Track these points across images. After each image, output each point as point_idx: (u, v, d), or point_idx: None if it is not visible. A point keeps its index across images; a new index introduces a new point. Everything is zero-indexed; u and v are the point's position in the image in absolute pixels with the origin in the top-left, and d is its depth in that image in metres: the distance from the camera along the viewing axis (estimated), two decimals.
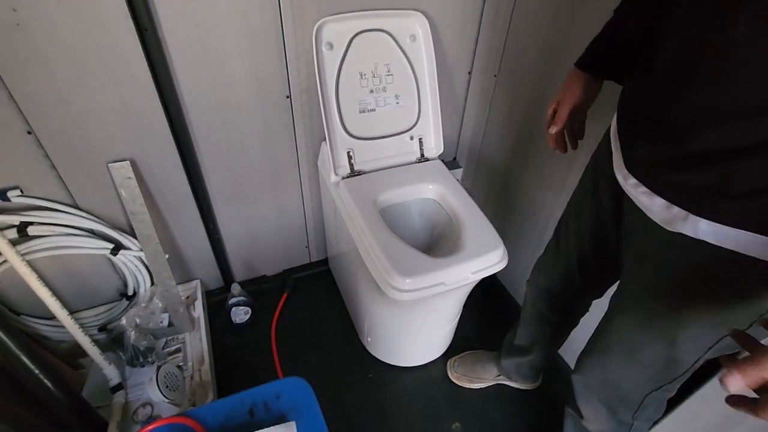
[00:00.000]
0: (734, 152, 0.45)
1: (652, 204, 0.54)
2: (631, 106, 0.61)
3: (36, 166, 0.93)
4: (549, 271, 0.88)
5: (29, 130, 0.88)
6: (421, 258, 0.89)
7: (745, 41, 0.42)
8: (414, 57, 1.08)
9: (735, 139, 0.45)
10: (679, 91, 0.50)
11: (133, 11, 0.82)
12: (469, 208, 1.02)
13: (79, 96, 0.88)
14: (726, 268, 0.49)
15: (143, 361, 1.13)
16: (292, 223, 1.37)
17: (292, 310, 1.41)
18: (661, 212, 0.53)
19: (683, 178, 0.50)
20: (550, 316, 0.94)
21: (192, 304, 1.29)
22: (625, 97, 0.63)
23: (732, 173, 0.46)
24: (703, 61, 0.47)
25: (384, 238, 0.92)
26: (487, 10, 1.15)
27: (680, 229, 0.51)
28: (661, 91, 0.53)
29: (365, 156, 1.11)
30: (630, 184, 0.57)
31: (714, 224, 0.48)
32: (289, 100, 1.09)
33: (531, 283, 0.95)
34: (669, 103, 0.51)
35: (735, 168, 0.45)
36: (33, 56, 0.81)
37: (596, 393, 0.75)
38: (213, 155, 1.10)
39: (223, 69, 0.97)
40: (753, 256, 0.46)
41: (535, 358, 1.05)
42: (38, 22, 0.78)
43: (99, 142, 0.95)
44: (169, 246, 1.21)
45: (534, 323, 0.99)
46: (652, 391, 0.67)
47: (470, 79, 1.29)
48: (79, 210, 1.02)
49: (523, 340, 1.05)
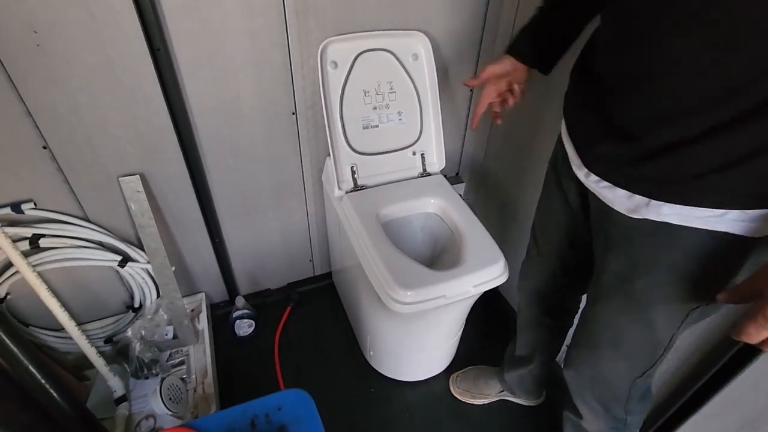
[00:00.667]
0: (685, 142, 0.49)
1: (615, 196, 0.58)
2: (579, 109, 0.65)
3: (50, 179, 0.96)
4: (534, 274, 0.91)
5: (44, 145, 0.91)
6: (423, 271, 0.90)
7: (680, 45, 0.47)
8: (416, 75, 1.11)
9: (685, 131, 0.49)
10: (629, 94, 0.54)
11: (147, 32, 0.86)
12: (471, 222, 1.03)
13: (92, 112, 0.92)
14: (689, 245, 0.53)
15: (147, 373, 1.14)
16: (296, 237, 1.39)
17: (296, 323, 1.42)
18: (624, 202, 0.57)
19: (641, 169, 0.54)
20: (544, 319, 0.96)
21: (197, 317, 1.30)
22: (572, 100, 0.68)
23: (685, 160, 0.50)
24: (646, 67, 0.51)
25: (386, 251, 0.93)
26: (487, 30, 1.18)
27: (644, 215, 0.54)
28: (609, 94, 0.57)
29: (368, 171, 1.14)
30: (592, 180, 0.61)
31: (675, 206, 0.52)
32: (295, 116, 1.12)
33: (520, 288, 0.98)
34: (619, 105, 0.56)
35: (688, 156, 0.49)
36: (51, 75, 0.85)
37: (590, 390, 0.77)
38: (220, 170, 1.13)
39: (231, 87, 1.01)
40: (712, 230, 0.50)
41: (536, 367, 1.05)
42: (57, 43, 0.82)
43: (110, 157, 0.99)
44: (175, 259, 1.23)
45: (531, 329, 1.00)
46: (635, 379, 0.69)
47: (472, 96, 1.32)
48: (89, 222, 1.04)
49: (523, 349, 1.05)
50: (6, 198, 0.94)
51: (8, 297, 1.04)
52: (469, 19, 1.15)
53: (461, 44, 1.19)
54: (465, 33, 1.17)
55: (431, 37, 1.10)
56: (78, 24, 0.82)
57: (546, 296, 0.91)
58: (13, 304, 1.07)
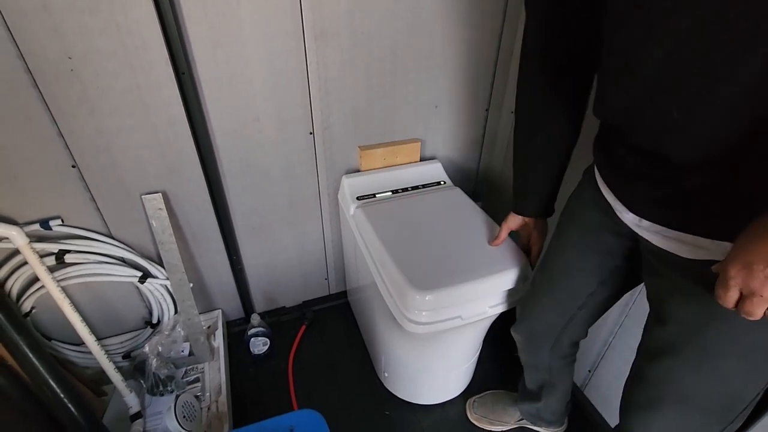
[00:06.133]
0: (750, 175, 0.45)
1: (673, 240, 0.54)
2: (616, 150, 0.62)
3: (77, 197, 1.00)
4: (540, 315, 0.85)
5: (74, 164, 0.95)
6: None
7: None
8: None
9: (749, 165, 0.45)
10: (681, 131, 0.49)
11: (173, 57, 0.90)
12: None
13: (119, 134, 0.96)
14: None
15: (163, 390, 1.14)
16: (312, 255, 1.39)
17: (310, 342, 1.41)
18: (685, 245, 0.53)
19: (699, 208, 0.50)
20: (550, 361, 0.91)
21: (213, 334, 1.31)
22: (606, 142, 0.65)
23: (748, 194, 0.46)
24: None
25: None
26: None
27: (711, 256, 0.50)
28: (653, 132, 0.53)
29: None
30: (643, 226, 0.58)
31: None
32: (312, 136, 1.14)
33: (519, 330, 0.92)
34: (668, 143, 0.51)
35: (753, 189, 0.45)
36: (83, 99, 0.89)
37: None
38: (239, 189, 1.15)
39: (251, 109, 1.04)
40: None
41: (549, 402, 1.01)
42: (89, 68, 0.86)
43: (134, 176, 1.02)
44: (193, 276, 1.25)
45: (536, 370, 0.96)
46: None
47: (487, 116, 1.32)
48: (112, 239, 1.07)
49: (532, 384, 1.01)
50: (36, 215, 0.98)
51: (33, 311, 1.07)
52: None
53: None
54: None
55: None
56: (110, 53, 0.86)
57: (553, 337, 0.86)
58: (36, 318, 1.10)
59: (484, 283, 0.88)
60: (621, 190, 0.63)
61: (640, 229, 0.60)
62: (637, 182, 0.58)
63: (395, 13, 1.04)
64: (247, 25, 0.93)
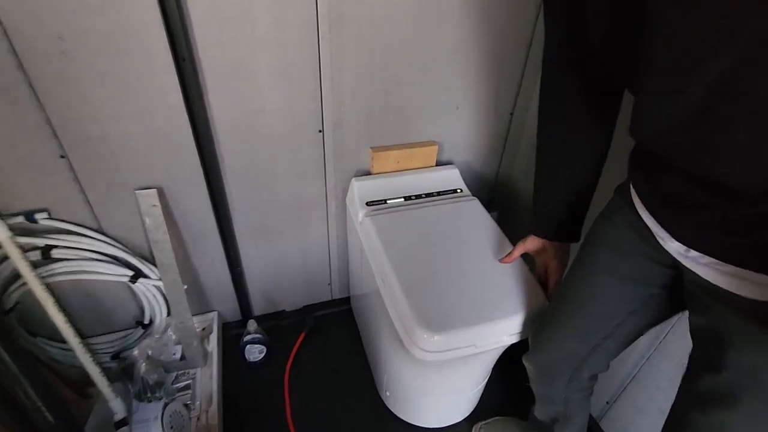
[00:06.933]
0: None
1: (730, 276, 0.46)
2: (659, 168, 0.54)
3: (66, 190, 0.93)
4: (557, 345, 0.76)
5: (63, 155, 0.88)
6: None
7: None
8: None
9: None
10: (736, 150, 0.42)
11: (173, 42, 0.82)
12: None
13: (113, 123, 0.88)
14: None
15: (151, 396, 1.07)
16: (315, 259, 1.32)
17: (310, 351, 1.33)
18: (748, 285, 0.45)
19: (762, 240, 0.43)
20: (565, 394, 0.81)
21: (207, 337, 1.24)
22: (646, 159, 0.57)
23: None
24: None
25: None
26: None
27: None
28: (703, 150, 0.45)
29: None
30: (693, 258, 0.50)
31: None
32: (322, 134, 1.06)
33: (532, 359, 0.83)
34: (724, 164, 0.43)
35: None
36: (74, 83, 0.82)
37: None
38: (240, 187, 1.08)
39: (256, 99, 0.96)
40: None
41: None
42: (82, 51, 0.79)
43: (129, 169, 0.95)
44: (189, 276, 1.18)
45: (549, 403, 0.86)
46: None
47: (512, 120, 1.23)
48: (103, 235, 1.01)
49: (544, 416, 0.91)
50: (20, 206, 0.91)
51: (17, 306, 1.01)
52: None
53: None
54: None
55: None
56: (105, 34, 0.78)
57: (571, 369, 0.77)
58: (24, 313, 1.04)
59: (498, 325, 0.80)
60: (664, 215, 0.54)
61: (687, 260, 0.52)
62: (684, 208, 0.50)
63: (419, 1, 0.94)
64: (255, 8, 0.85)
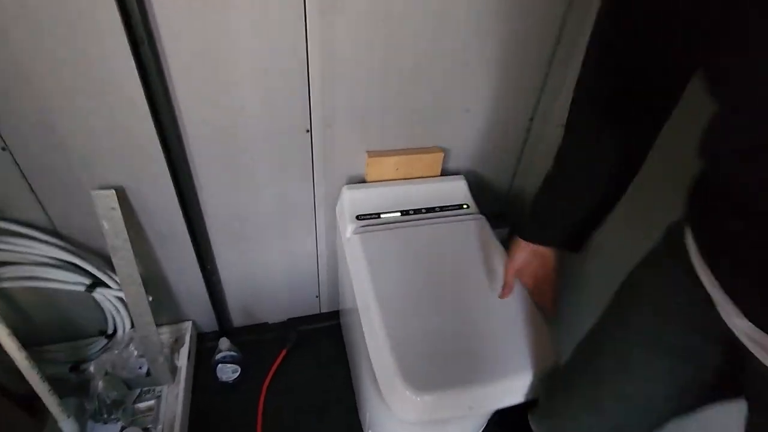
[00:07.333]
0: None
1: None
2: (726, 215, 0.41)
3: (11, 186, 0.81)
4: (578, 416, 0.62)
5: (3, 147, 0.76)
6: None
7: None
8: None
9: None
10: None
11: (128, 21, 0.69)
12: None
13: (65, 114, 0.76)
14: None
15: (107, 417, 0.97)
16: (302, 270, 1.19)
17: (291, 370, 1.21)
18: None
19: None
20: None
21: (178, 351, 1.13)
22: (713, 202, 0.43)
23: None
24: None
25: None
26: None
27: None
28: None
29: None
30: (762, 343, 0.38)
31: None
32: (310, 134, 0.92)
33: (546, 428, 0.69)
34: None
35: None
36: (14, 67, 0.69)
37: None
38: (215, 190, 0.95)
39: (234, 93, 0.82)
40: None
41: None
42: (23, 29, 0.66)
43: (84, 166, 0.83)
44: (158, 284, 1.06)
45: None
46: None
47: (530, 128, 1.07)
48: (57, 238, 0.89)
49: None
50: None
51: None
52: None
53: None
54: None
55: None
56: (48, 7, 0.65)
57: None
58: None
59: (501, 385, 0.66)
60: (731, 281, 0.40)
61: (757, 347, 0.39)
62: (765, 276, 0.37)
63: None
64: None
